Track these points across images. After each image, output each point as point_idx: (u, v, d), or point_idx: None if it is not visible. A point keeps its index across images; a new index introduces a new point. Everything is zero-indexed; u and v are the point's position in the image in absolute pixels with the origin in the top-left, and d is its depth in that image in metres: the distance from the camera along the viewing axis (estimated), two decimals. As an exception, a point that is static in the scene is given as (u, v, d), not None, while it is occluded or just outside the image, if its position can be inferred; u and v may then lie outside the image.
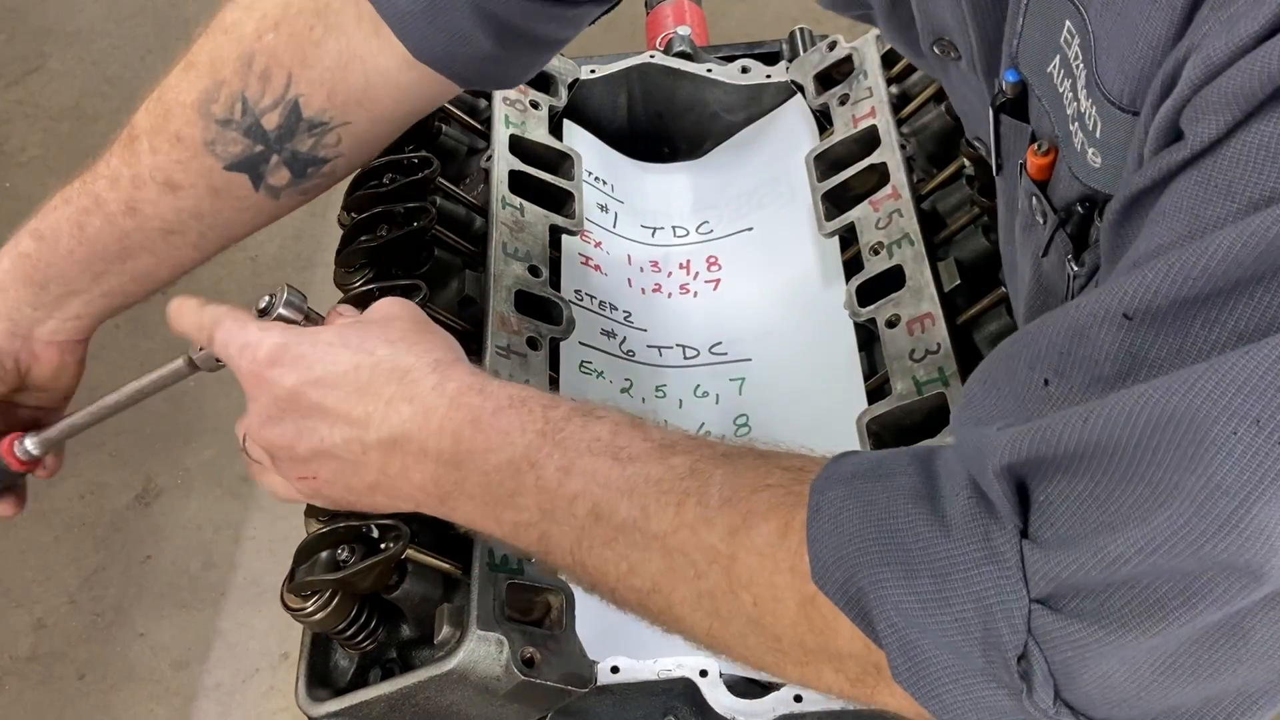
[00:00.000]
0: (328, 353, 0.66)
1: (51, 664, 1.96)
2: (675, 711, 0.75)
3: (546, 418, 0.62)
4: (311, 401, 0.66)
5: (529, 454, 0.60)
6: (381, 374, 0.65)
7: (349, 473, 0.66)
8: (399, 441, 0.64)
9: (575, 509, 0.59)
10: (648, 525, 0.56)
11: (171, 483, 2.19)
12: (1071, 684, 0.45)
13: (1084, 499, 0.43)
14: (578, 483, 0.59)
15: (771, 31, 1.20)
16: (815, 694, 0.72)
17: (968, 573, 0.46)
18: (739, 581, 0.53)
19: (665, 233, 1.10)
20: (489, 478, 0.62)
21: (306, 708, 0.71)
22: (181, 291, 0.79)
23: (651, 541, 0.56)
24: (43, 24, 3.07)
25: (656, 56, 1.13)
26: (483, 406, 0.63)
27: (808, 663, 0.54)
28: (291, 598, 0.69)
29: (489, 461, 0.62)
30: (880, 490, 0.50)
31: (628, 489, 0.57)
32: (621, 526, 0.57)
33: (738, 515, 0.54)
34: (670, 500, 0.56)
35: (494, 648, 0.68)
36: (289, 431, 0.67)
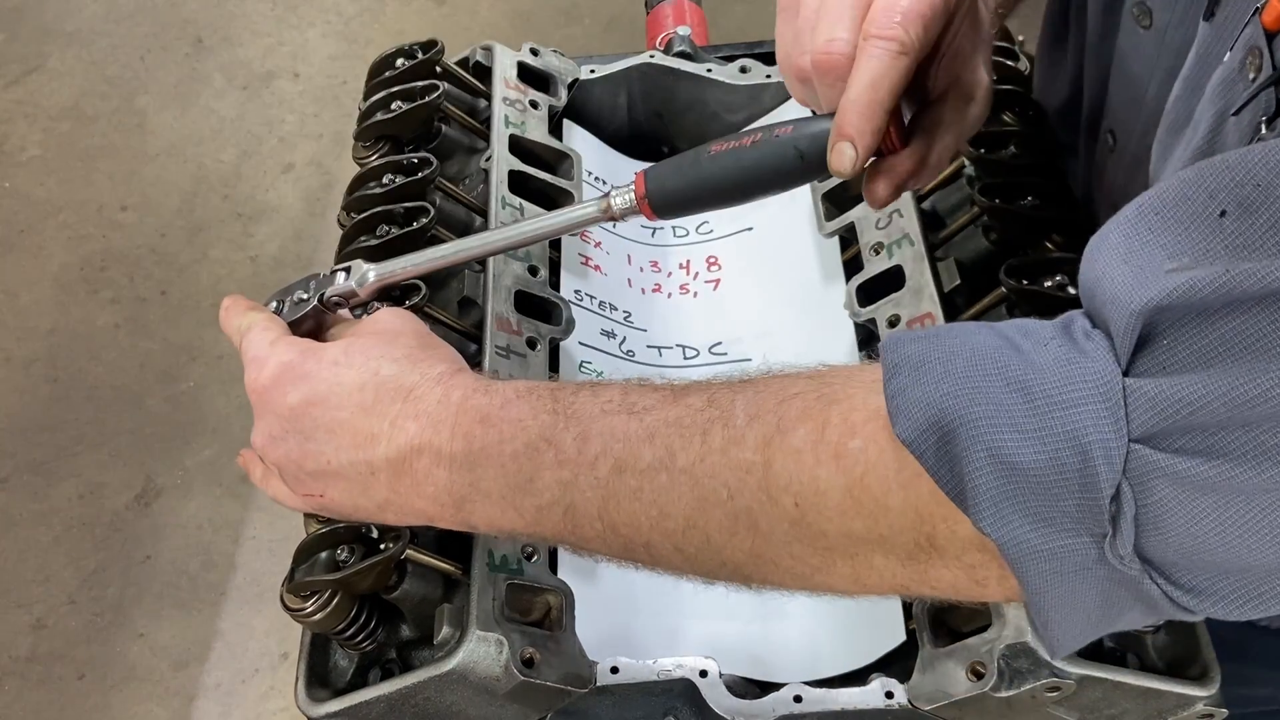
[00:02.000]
0: (332, 372, 0.66)
1: (51, 664, 1.96)
2: (675, 712, 0.75)
3: (555, 398, 0.62)
4: (316, 421, 0.66)
5: (544, 434, 0.61)
6: (387, 393, 0.65)
7: (357, 492, 0.66)
8: (407, 458, 0.64)
9: (597, 471, 0.58)
10: (674, 462, 0.56)
11: (171, 483, 2.19)
12: (1157, 531, 0.44)
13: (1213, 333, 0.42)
14: (597, 445, 0.59)
15: (771, 31, 1.20)
16: (815, 694, 0.72)
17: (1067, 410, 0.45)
18: (777, 487, 0.53)
19: (665, 232, 1.10)
20: (505, 469, 0.62)
21: (306, 708, 0.71)
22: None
23: (680, 477, 0.56)
24: (43, 24, 3.08)
25: (656, 56, 1.13)
26: (490, 404, 0.63)
27: (857, 553, 0.53)
28: (291, 598, 0.69)
29: (504, 453, 0.62)
30: (958, 343, 0.49)
31: (648, 435, 0.57)
32: (647, 472, 0.57)
33: (768, 426, 0.54)
34: (693, 433, 0.56)
35: (494, 648, 0.68)
36: (294, 450, 0.67)
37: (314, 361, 0.67)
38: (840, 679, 0.77)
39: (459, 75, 1.03)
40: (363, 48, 2.94)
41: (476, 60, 1.07)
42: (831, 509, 0.52)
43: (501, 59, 1.06)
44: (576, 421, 0.60)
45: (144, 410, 2.28)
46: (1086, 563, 0.46)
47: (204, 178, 2.71)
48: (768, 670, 0.79)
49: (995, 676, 0.66)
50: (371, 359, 0.67)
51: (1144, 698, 0.68)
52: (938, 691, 0.69)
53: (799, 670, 0.78)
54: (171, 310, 2.41)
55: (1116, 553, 0.45)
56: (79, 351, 2.36)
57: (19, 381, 2.34)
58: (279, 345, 0.69)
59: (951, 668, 0.68)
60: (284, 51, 2.99)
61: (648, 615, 0.83)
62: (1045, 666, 0.65)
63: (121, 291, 2.47)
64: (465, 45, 1.08)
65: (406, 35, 1.01)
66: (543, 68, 1.09)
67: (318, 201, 2.65)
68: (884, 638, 0.77)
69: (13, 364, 2.37)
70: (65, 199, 2.68)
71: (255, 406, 0.69)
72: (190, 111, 2.87)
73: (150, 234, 2.59)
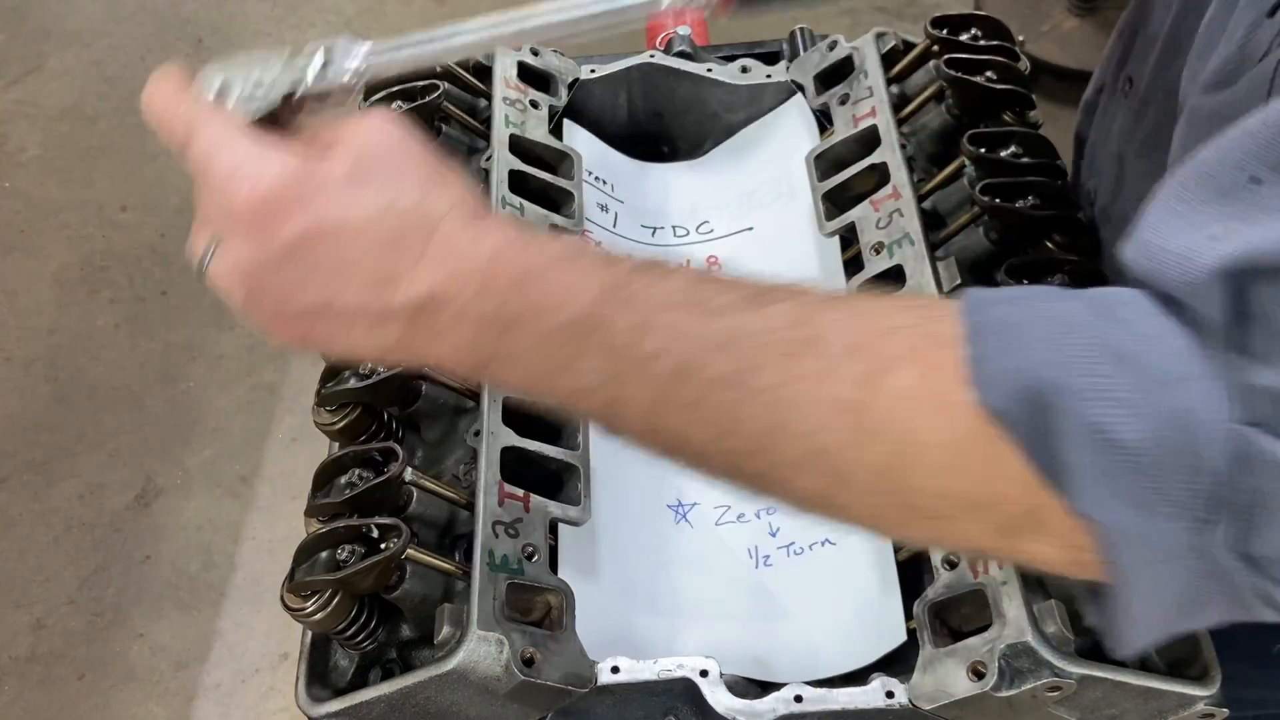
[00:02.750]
0: (346, 197, 0.56)
1: (51, 664, 1.96)
2: (675, 711, 0.75)
3: (610, 272, 0.55)
4: (320, 258, 0.56)
5: (593, 313, 0.53)
6: (410, 227, 0.56)
7: (359, 334, 0.58)
8: (428, 307, 0.56)
9: (653, 369, 0.52)
10: (749, 380, 0.50)
11: (171, 483, 2.19)
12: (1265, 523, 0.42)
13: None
14: (656, 340, 0.52)
15: (771, 31, 1.20)
16: (815, 693, 0.72)
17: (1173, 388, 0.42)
18: (872, 433, 0.48)
19: (665, 232, 1.10)
20: (542, 344, 0.55)
21: (306, 708, 0.71)
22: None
23: (755, 398, 0.50)
24: (43, 24, 3.07)
25: (656, 56, 1.13)
26: (531, 263, 0.55)
27: (945, 516, 0.49)
28: (291, 598, 0.69)
29: (543, 325, 0.54)
30: (1050, 308, 0.46)
31: (721, 343, 0.51)
32: (714, 384, 0.51)
33: (869, 361, 0.49)
34: (777, 352, 0.50)
35: (494, 648, 0.68)
36: (288, 283, 0.56)
37: (320, 180, 0.56)
38: (840, 679, 0.77)
39: (459, 75, 1.03)
40: (363, 48, 2.94)
41: (476, 60, 1.07)
42: (930, 466, 0.47)
43: (502, 59, 1.06)
44: (633, 308, 0.53)
45: (144, 410, 2.28)
46: (1181, 552, 0.43)
47: (204, 178, 2.71)
48: (768, 670, 0.79)
49: (996, 676, 0.66)
50: (389, 182, 0.57)
51: (1144, 698, 0.68)
52: (938, 691, 0.69)
53: (799, 670, 0.78)
54: (171, 310, 2.41)
55: (1217, 543, 0.42)
56: (79, 351, 2.36)
57: (19, 381, 2.34)
58: (268, 156, 0.56)
59: (952, 667, 0.68)
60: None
61: (648, 615, 0.83)
62: (1046, 666, 0.65)
63: (121, 291, 2.47)
64: (465, 45, 1.08)
65: (407, 35, 1.01)
66: (543, 67, 1.09)
67: (318, 201, 2.64)
68: (884, 638, 0.77)
69: (13, 364, 2.37)
70: (65, 199, 2.68)
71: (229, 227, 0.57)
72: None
73: (150, 234, 2.59)
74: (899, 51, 1.04)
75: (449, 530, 0.79)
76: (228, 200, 0.56)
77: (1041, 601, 0.68)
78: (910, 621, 0.75)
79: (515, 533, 0.75)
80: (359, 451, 0.75)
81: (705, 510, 0.89)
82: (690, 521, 0.89)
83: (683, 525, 0.89)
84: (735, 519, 0.89)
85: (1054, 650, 0.66)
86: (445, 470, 0.83)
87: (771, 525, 0.88)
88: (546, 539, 0.77)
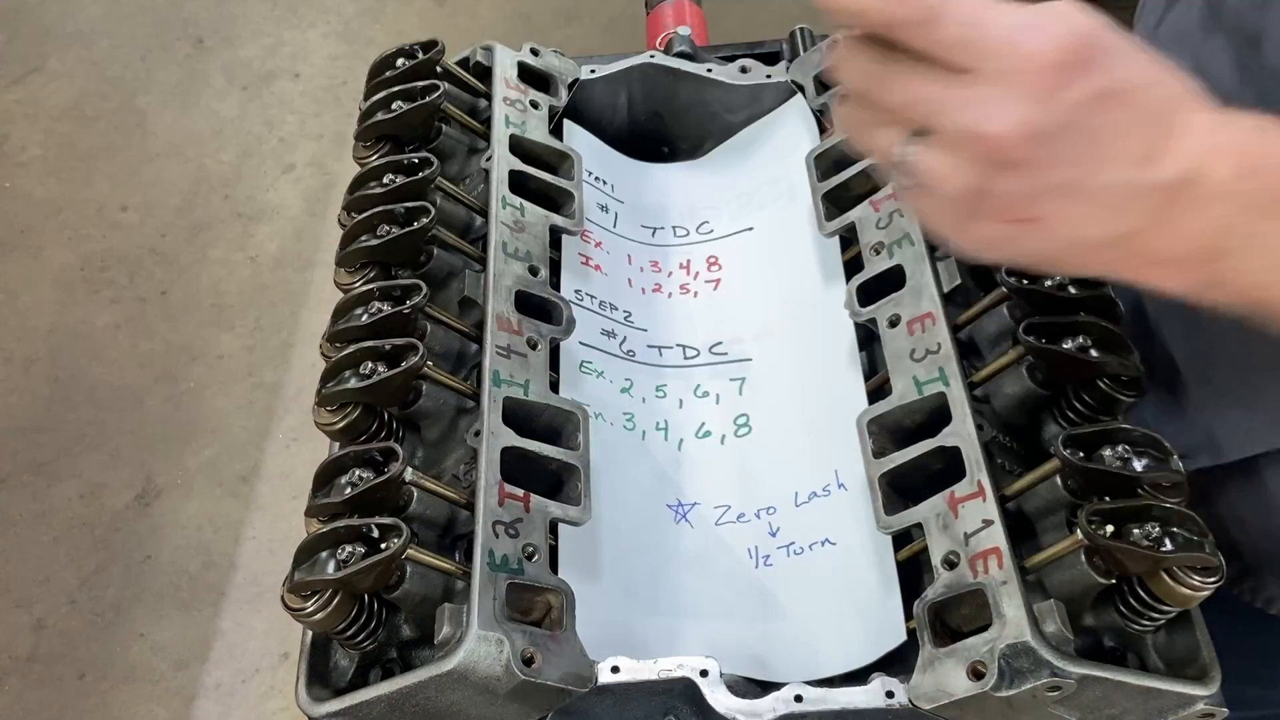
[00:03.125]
0: (1135, 61, 0.54)
1: (51, 664, 1.97)
2: (675, 711, 0.75)
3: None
4: (1107, 123, 0.53)
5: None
6: (1171, 98, 0.54)
7: (1095, 221, 0.55)
8: (1185, 184, 0.54)
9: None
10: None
11: (171, 483, 2.19)
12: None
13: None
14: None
15: (771, 31, 1.20)
16: (815, 693, 0.72)
17: None
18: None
19: (665, 232, 1.10)
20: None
21: (306, 708, 0.71)
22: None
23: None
24: (43, 24, 3.08)
25: (656, 56, 1.13)
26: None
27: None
28: (291, 598, 0.69)
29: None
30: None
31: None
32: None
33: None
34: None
35: (494, 648, 0.68)
36: (1053, 153, 0.53)
37: (1120, 40, 0.54)
38: (840, 679, 0.77)
39: (459, 75, 1.04)
40: (363, 48, 2.94)
41: (477, 60, 1.07)
42: None
43: (502, 59, 1.06)
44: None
45: (144, 410, 2.28)
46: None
47: (204, 178, 2.71)
48: (768, 670, 0.79)
49: (995, 676, 0.66)
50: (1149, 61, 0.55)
51: (1144, 697, 0.68)
52: (938, 691, 0.69)
53: (799, 670, 0.78)
54: (171, 310, 2.41)
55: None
56: (79, 351, 2.37)
57: (19, 381, 2.34)
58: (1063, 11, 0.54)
59: (952, 667, 0.68)
60: (284, 52, 2.99)
61: (648, 615, 0.83)
62: (1045, 666, 0.66)
63: (121, 291, 2.47)
64: (465, 45, 1.08)
65: (407, 35, 1.01)
66: (543, 68, 1.09)
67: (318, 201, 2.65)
68: (884, 638, 0.77)
69: (13, 364, 2.37)
70: (65, 199, 2.68)
71: (1015, 84, 0.53)
72: (191, 112, 2.87)
73: (150, 234, 2.59)
74: (899, 52, 1.04)
75: (449, 530, 0.79)
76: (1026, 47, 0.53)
77: (1041, 601, 0.68)
78: (910, 621, 0.75)
79: (515, 533, 0.75)
80: (359, 451, 0.75)
81: (705, 510, 0.89)
82: (690, 521, 0.89)
83: (683, 525, 0.89)
84: (735, 519, 0.89)
85: (1054, 650, 0.66)
86: (445, 470, 0.83)
87: (771, 525, 0.88)
88: (546, 539, 0.77)
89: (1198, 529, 0.66)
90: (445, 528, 0.78)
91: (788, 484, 0.89)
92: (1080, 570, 0.69)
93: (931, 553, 0.74)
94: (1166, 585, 0.66)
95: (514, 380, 0.84)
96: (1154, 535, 0.66)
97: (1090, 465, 0.70)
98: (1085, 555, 0.69)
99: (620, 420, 0.93)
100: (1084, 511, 0.67)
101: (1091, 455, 0.71)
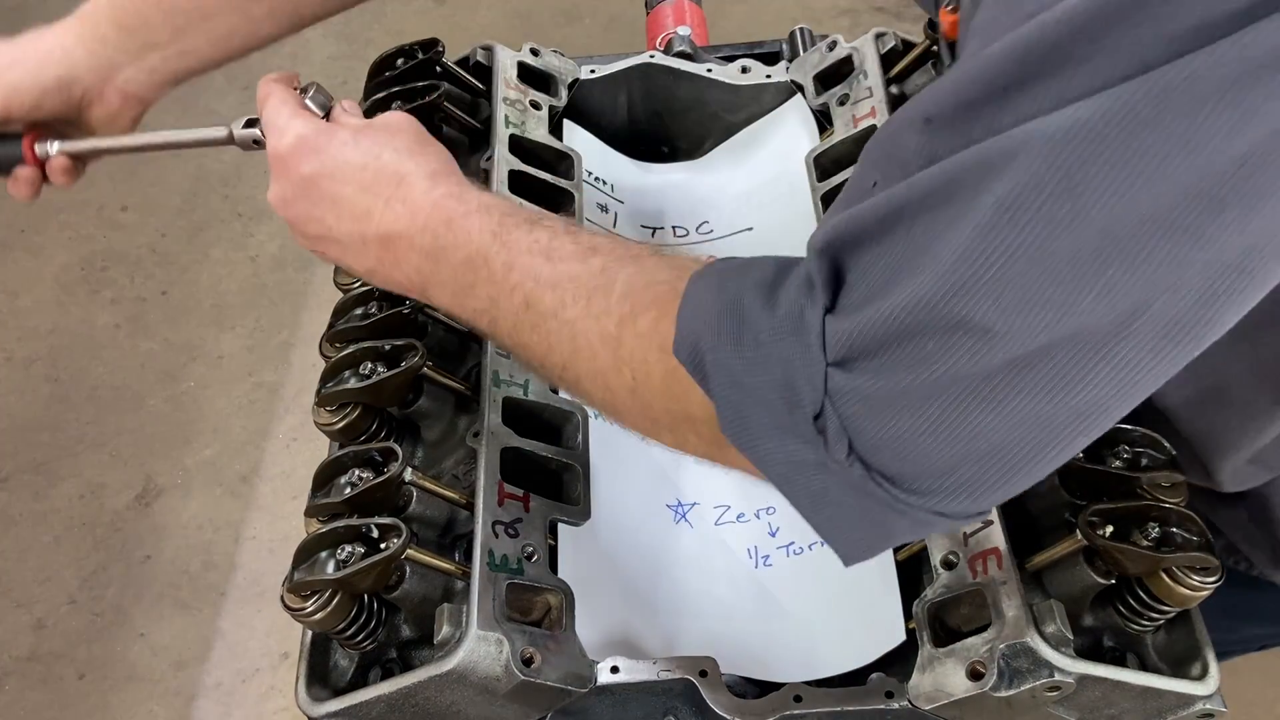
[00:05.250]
0: (341, 150, 0.76)
1: (51, 664, 1.96)
2: (675, 711, 0.75)
3: (501, 223, 0.71)
4: (322, 191, 0.75)
5: (483, 251, 0.70)
6: (385, 176, 0.74)
7: (351, 256, 0.77)
8: (392, 238, 0.73)
9: (514, 298, 0.68)
10: (563, 314, 0.66)
11: (171, 483, 2.19)
12: (861, 436, 0.52)
13: (872, 267, 0.51)
14: (516, 276, 0.68)
15: (771, 31, 1.20)
16: (815, 694, 0.72)
17: (780, 342, 0.54)
18: (622, 360, 0.63)
19: (665, 233, 1.10)
20: (456, 270, 0.71)
21: (306, 708, 0.71)
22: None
23: (564, 327, 0.66)
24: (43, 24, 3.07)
25: (656, 56, 1.13)
26: (455, 210, 0.72)
27: (675, 428, 0.63)
28: (291, 598, 0.69)
29: (455, 257, 0.71)
30: (736, 280, 0.58)
31: (552, 284, 0.67)
32: (544, 314, 0.67)
33: (629, 307, 0.63)
34: (582, 294, 0.65)
35: (494, 648, 0.68)
36: (301, 214, 0.77)
37: (326, 138, 0.76)
38: (840, 679, 0.77)
39: (459, 75, 1.04)
40: (363, 48, 2.94)
41: (476, 60, 1.07)
42: (655, 389, 0.62)
43: (502, 59, 1.06)
44: (507, 250, 0.69)
45: (144, 410, 2.28)
46: (810, 467, 0.54)
47: (204, 178, 2.71)
48: (768, 670, 0.79)
49: (995, 676, 0.66)
50: (376, 145, 0.76)
51: (1144, 697, 0.68)
52: (938, 691, 0.69)
53: (799, 670, 0.78)
54: (171, 310, 2.41)
55: (834, 458, 0.53)
56: (79, 351, 2.36)
57: (19, 381, 2.34)
58: (299, 118, 0.78)
59: (951, 667, 0.68)
60: (284, 51, 2.99)
61: (648, 615, 0.83)
62: (1045, 666, 0.66)
63: (121, 291, 2.47)
64: (465, 45, 1.08)
65: (406, 35, 1.01)
66: (543, 68, 1.09)
67: (318, 201, 2.64)
68: (884, 637, 0.77)
69: (13, 364, 2.37)
70: (65, 199, 2.68)
71: (273, 168, 0.78)
72: (190, 111, 2.87)
73: (150, 234, 2.59)
74: (898, 52, 1.04)
75: (449, 530, 0.79)
76: (270, 146, 0.78)
77: (1041, 601, 0.68)
78: (909, 621, 0.75)
79: (515, 533, 0.75)
80: (359, 451, 0.75)
81: (705, 510, 0.89)
82: (690, 521, 0.89)
83: (682, 525, 0.89)
84: (735, 519, 0.89)
85: (1053, 650, 0.66)
86: (445, 470, 0.83)
87: (771, 525, 0.88)
88: (546, 539, 0.77)
89: (1197, 529, 0.66)
90: (445, 528, 0.79)
91: (787, 484, 0.89)
92: (1080, 570, 0.69)
93: (931, 553, 0.74)
94: (1166, 585, 0.66)
95: (514, 380, 0.84)
96: (1154, 536, 0.66)
97: (1091, 466, 0.70)
98: (1085, 556, 0.69)
99: (620, 420, 0.93)
100: (1084, 512, 0.67)
101: (1092, 456, 0.71)
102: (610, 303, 0.64)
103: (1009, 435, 0.50)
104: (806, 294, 0.54)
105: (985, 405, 0.49)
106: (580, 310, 0.65)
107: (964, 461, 0.51)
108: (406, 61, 1.01)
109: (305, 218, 0.77)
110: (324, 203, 0.75)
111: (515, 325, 0.69)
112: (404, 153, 0.76)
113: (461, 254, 0.71)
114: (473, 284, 0.71)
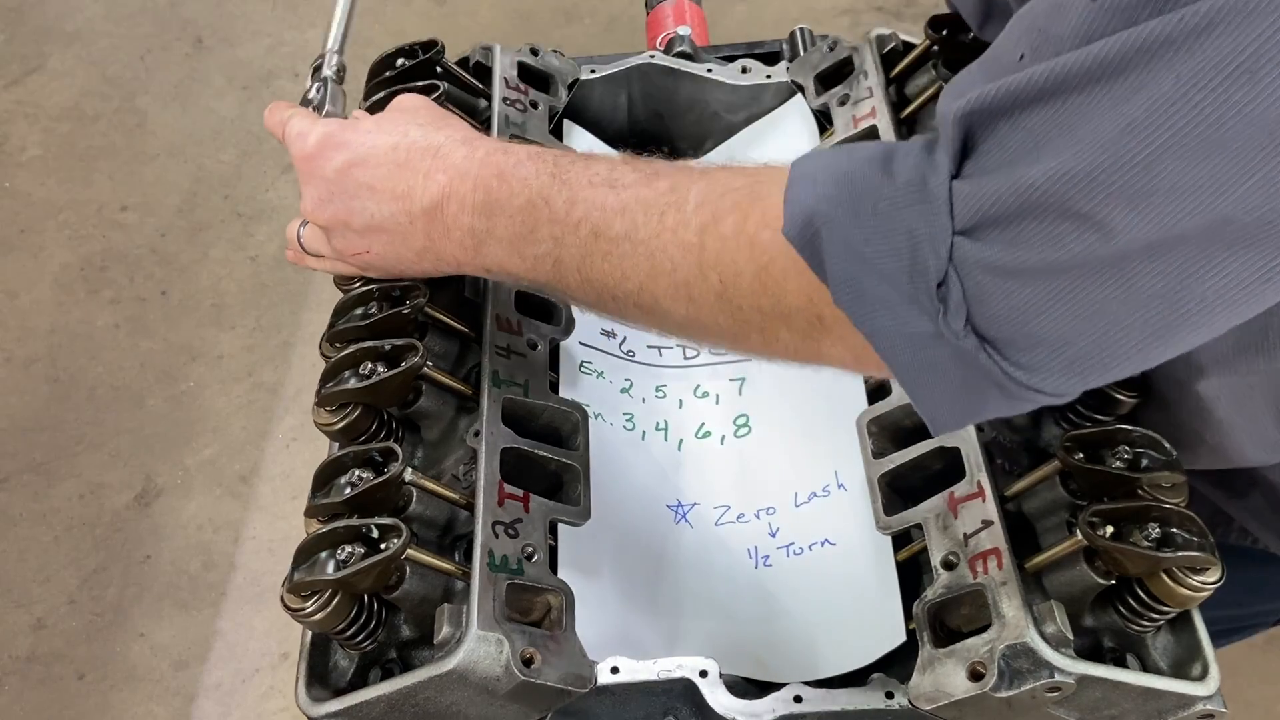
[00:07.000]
0: (367, 137, 0.77)
1: (51, 664, 1.96)
2: (675, 712, 0.75)
3: (556, 163, 0.72)
4: (358, 181, 0.76)
5: (543, 193, 0.71)
6: (418, 151, 0.75)
7: (399, 243, 0.77)
8: (439, 205, 0.74)
9: (580, 231, 0.69)
10: (636, 235, 0.66)
11: (171, 483, 2.19)
12: (983, 307, 0.52)
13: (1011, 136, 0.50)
14: (580, 210, 0.69)
15: (771, 31, 1.20)
16: (815, 694, 0.72)
17: (902, 210, 0.53)
18: (708, 265, 0.63)
19: (665, 233, 1.10)
20: (513, 219, 0.72)
21: (306, 708, 0.71)
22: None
23: (638, 248, 0.66)
24: (43, 24, 3.07)
25: (657, 56, 1.13)
26: (505, 162, 0.73)
27: (766, 326, 0.63)
28: (291, 598, 0.69)
29: (513, 205, 0.72)
30: (846, 159, 0.58)
31: (620, 209, 0.68)
32: (615, 240, 0.67)
33: (708, 214, 0.64)
34: (654, 212, 0.66)
35: (494, 648, 0.68)
36: (341, 210, 0.77)
37: (351, 130, 0.78)
38: (840, 679, 0.77)
39: (459, 75, 1.04)
40: (363, 48, 2.92)
41: (476, 60, 1.07)
42: (745, 287, 0.62)
43: (501, 59, 1.06)
44: (568, 188, 0.70)
45: (144, 410, 2.28)
46: (927, 339, 0.54)
47: (204, 178, 2.71)
48: (768, 670, 0.79)
49: (995, 677, 0.66)
50: (400, 125, 0.78)
51: (1144, 698, 0.68)
52: (938, 691, 0.69)
53: (799, 670, 0.78)
54: (171, 310, 2.41)
55: (950, 328, 0.53)
56: (79, 351, 2.36)
57: (19, 381, 2.34)
58: (319, 122, 0.80)
59: (951, 668, 0.68)
60: (284, 51, 2.99)
61: (648, 615, 0.83)
62: (1045, 666, 0.65)
63: (121, 291, 2.47)
64: (465, 45, 1.08)
65: (406, 35, 1.01)
66: (543, 68, 1.09)
67: (318, 201, 2.64)
68: (884, 638, 0.77)
69: (13, 364, 2.37)
70: (65, 199, 2.68)
71: (302, 176, 0.79)
72: (190, 111, 2.87)
73: (150, 234, 2.59)
74: (899, 52, 1.04)
75: (449, 530, 0.79)
76: (296, 153, 0.79)
77: (1041, 602, 0.68)
78: (910, 622, 0.75)
79: (515, 533, 0.75)
80: (359, 451, 0.75)
81: (705, 510, 0.89)
82: (690, 521, 0.89)
83: (682, 525, 0.89)
84: (735, 519, 0.89)
85: (1053, 650, 0.66)
86: (445, 470, 0.83)
87: (771, 525, 0.88)
88: (546, 539, 0.77)
89: (1198, 529, 0.66)
90: (445, 528, 0.78)
91: (787, 484, 0.89)
92: (1080, 571, 0.69)
93: (931, 553, 0.74)
94: (1166, 586, 0.66)
95: (514, 380, 0.84)
96: (1154, 536, 0.66)
97: (1091, 466, 0.70)
98: (1085, 556, 0.69)
99: (620, 420, 0.93)
100: (1084, 513, 0.67)
101: (1092, 456, 0.71)
102: (686, 215, 0.65)
103: (1131, 316, 0.50)
104: (926, 162, 0.53)
105: (1114, 283, 0.49)
106: (654, 228, 0.66)
107: (1080, 337, 0.51)
108: (406, 61, 1.00)
109: (346, 213, 0.77)
110: (361, 191, 0.76)
111: (584, 259, 0.69)
112: (430, 127, 0.77)
113: (519, 200, 0.71)
114: (534, 228, 0.71)
